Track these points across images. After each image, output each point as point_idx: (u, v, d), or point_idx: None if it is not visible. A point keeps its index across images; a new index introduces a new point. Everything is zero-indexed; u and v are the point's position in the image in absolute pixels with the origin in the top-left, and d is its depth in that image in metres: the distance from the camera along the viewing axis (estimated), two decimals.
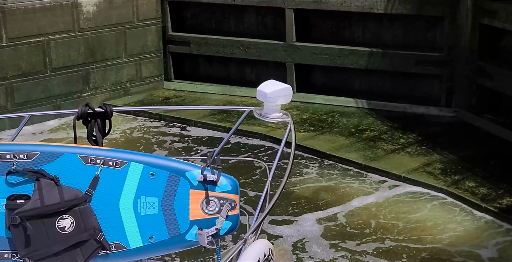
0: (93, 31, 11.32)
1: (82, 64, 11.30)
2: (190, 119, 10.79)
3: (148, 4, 11.84)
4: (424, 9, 10.64)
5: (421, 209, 8.10)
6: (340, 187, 8.65)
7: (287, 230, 7.65)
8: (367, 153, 9.39)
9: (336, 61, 11.31)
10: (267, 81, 4.27)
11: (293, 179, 8.84)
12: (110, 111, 4.28)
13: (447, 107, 10.79)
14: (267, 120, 4.27)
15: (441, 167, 8.94)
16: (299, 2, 11.26)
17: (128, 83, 11.92)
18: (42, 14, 10.72)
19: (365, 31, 11.37)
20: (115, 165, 3.97)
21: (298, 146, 9.72)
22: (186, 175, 3.98)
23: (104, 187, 3.97)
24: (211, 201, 3.95)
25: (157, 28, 12.05)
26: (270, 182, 3.97)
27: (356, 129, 10.29)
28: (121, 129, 10.60)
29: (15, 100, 10.68)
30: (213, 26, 12.26)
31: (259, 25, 11.99)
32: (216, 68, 12.39)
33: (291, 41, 11.47)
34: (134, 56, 11.89)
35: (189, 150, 9.80)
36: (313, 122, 10.62)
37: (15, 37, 10.53)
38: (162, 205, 3.96)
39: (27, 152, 3.97)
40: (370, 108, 11.09)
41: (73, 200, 3.94)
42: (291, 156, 4.13)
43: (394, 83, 11.30)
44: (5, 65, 10.50)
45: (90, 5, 11.21)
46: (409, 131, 10.11)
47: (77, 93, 11.33)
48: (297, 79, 11.59)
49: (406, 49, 10.94)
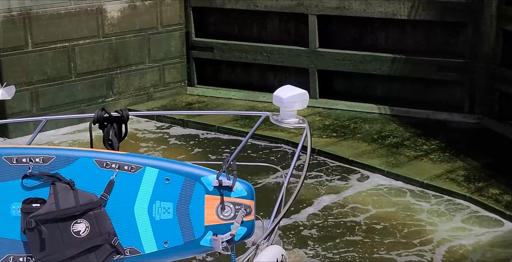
0: (117, 36, 11.27)
1: (106, 69, 11.25)
2: (213, 124, 10.69)
3: (171, 10, 11.77)
4: (447, 15, 10.48)
5: (444, 214, 7.94)
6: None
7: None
8: (389, 160, 9.26)
9: (358, 67, 11.18)
10: (284, 86, 4.16)
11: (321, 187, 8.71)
12: (126, 116, 4.22)
13: (470, 114, 10.61)
14: (283, 125, 4.16)
15: (464, 174, 8.79)
16: (322, 8, 11.14)
17: (152, 88, 11.85)
18: (67, 20, 10.70)
19: (388, 37, 11.22)
20: (131, 169, 3.92)
21: (321, 152, 9.62)
22: (201, 180, 3.91)
23: (119, 191, 3.91)
24: (226, 206, 3.88)
25: (180, 33, 11.98)
26: (285, 187, 3.86)
27: (379, 135, 10.15)
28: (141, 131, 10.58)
29: (40, 105, 10.66)
30: (236, 32, 12.17)
31: (281, 31, 11.89)
32: (239, 73, 12.30)
33: (314, 47, 11.35)
34: (157, 62, 11.82)
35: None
36: (335, 128, 10.50)
37: (40, 42, 10.51)
38: (177, 210, 3.89)
39: (43, 156, 3.94)
40: (393, 114, 10.93)
41: (88, 204, 3.89)
42: (306, 162, 4.01)
43: (417, 89, 11.14)
44: (30, 70, 10.48)
45: (114, 11, 11.16)
46: (432, 138, 9.95)
47: (101, 98, 11.28)
48: (319, 85, 11.47)
49: (429, 55, 10.79)
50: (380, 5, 10.79)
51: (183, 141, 10.39)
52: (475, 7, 10.27)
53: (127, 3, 11.26)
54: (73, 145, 9.78)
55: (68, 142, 10.20)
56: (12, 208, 3.94)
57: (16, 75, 10.35)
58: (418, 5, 10.57)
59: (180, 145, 10.23)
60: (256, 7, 11.59)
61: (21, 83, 10.38)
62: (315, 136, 10.14)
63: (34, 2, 10.35)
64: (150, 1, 11.51)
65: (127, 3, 11.26)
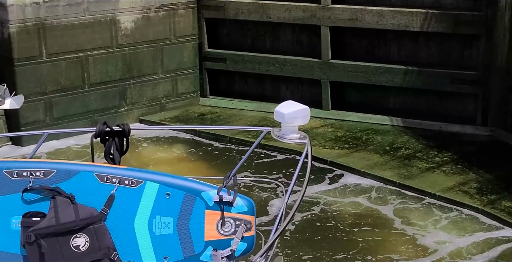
0: (131, 47, 11.19)
1: (119, 80, 11.18)
2: (225, 135, 10.59)
3: (185, 21, 11.69)
4: (460, 27, 10.35)
5: (457, 226, 7.81)
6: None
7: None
8: (401, 171, 9.13)
9: (371, 79, 11.06)
10: (285, 102, 4.17)
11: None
12: (127, 130, 4.22)
13: (483, 126, 10.46)
14: (284, 141, 4.13)
15: (476, 186, 8.65)
16: (335, 20, 11.04)
17: (164, 99, 11.76)
18: (81, 31, 10.64)
19: (401, 49, 11.10)
20: (131, 184, 3.90)
21: (333, 163, 9.50)
22: (202, 195, 3.88)
23: (120, 206, 3.89)
24: (226, 222, 3.84)
25: (193, 44, 11.89)
26: (286, 203, 3.82)
27: (391, 147, 10.01)
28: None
29: (53, 115, 10.59)
30: (249, 43, 12.08)
31: (294, 43, 11.79)
32: (251, 84, 12.21)
33: (327, 59, 11.24)
34: (170, 72, 11.72)
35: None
36: (347, 139, 10.38)
37: (54, 53, 10.45)
38: (177, 225, 3.86)
39: (43, 170, 3.94)
40: (405, 126, 10.80)
41: (88, 219, 3.86)
42: (306, 179, 3.96)
43: (429, 101, 11.01)
44: (44, 80, 10.42)
45: (128, 22, 11.10)
46: (444, 150, 9.80)
47: (114, 109, 11.21)
48: (332, 97, 11.35)
49: (442, 68, 10.64)
50: (393, 17, 10.68)
51: (194, 151, 10.29)
52: (488, 19, 10.13)
53: (140, 14, 11.19)
54: (82, 157, 9.70)
55: (75, 150, 10.12)
56: (12, 221, 3.92)
57: (30, 85, 10.31)
58: (431, 17, 10.46)
59: (189, 155, 10.13)
60: (269, 19, 11.51)
61: (35, 93, 10.35)
62: (327, 147, 10.05)
63: (48, 12, 10.30)
64: (164, 12, 11.45)
65: (140, 14, 11.19)
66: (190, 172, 9.05)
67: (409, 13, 10.57)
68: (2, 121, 10.50)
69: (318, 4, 11.09)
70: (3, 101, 4.95)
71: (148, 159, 9.90)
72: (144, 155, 10.08)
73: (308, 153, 4.05)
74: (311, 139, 10.28)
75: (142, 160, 9.84)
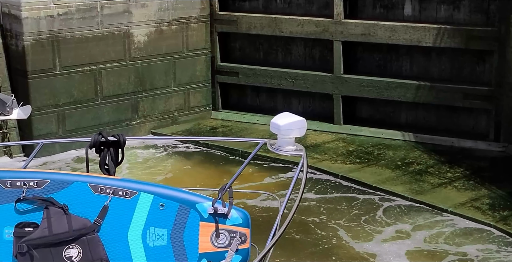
0: (144, 60, 11.05)
1: (132, 93, 11.03)
2: (237, 149, 10.40)
3: (197, 35, 11.55)
4: (472, 42, 10.14)
5: (470, 243, 7.60)
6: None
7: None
8: (413, 187, 8.94)
9: (383, 93, 10.86)
10: (282, 113, 4.08)
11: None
12: (123, 140, 4.13)
13: (495, 142, 10.21)
14: (280, 153, 4.01)
15: (489, 202, 8.44)
16: (347, 35, 10.86)
17: (176, 112, 11.59)
18: (95, 44, 10.52)
19: (413, 64, 10.90)
20: (125, 195, 3.79)
21: (344, 178, 9.33)
22: (196, 207, 3.75)
23: (113, 217, 3.77)
24: (221, 234, 3.71)
25: (206, 58, 11.74)
26: (280, 216, 3.70)
27: (403, 162, 9.80)
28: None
29: (66, 127, 10.45)
30: (261, 57, 11.92)
31: (306, 57, 11.62)
32: (263, 98, 12.05)
33: (339, 73, 11.06)
34: (182, 86, 11.56)
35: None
36: (359, 154, 10.17)
37: (68, 65, 10.33)
38: (171, 237, 3.72)
39: (37, 180, 3.85)
40: (417, 141, 10.57)
41: (81, 230, 3.75)
42: (300, 192, 3.84)
43: (441, 116, 10.79)
44: (58, 93, 10.29)
45: (141, 35, 10.97)
46: (456, 165, 9.58)
47: (126, 121, 11.05)
48: (343, 111, 11.16)
49: (454, 83, 10.42)
50: (405, 32, 10.49)
51: (204, 163, 10.13)
52: (501, 35, 9.91)
53: (154, 27, 11.07)
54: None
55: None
56: (5, 232, 3.80)
57: (44, 97, 10.19)
58: (444, 33, 10.27)
59: (199, 168, 9.98)
60: (282, 33, 11.36)
61: (48, 105, 10.24)
62: (339, 162, 9.87)
63: (63, 25, 10.20)
64: (177, 26, 11.32)
65: (154, 27, 11.07)
66: (195, 184, 8.93)
67: (421, 28, 10.38)
68: (15, 133, 10.40)
69: (330, 18, 10.94)
70: (10, 111, 5.04)
71: (156, 171, 9.75)
72: (153, 167, 9.92)
73: (304, 165, 3.92)
74: (322, 153, 10.18)
75: (150, 171, 9.69)
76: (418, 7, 10.68)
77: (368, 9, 11.00)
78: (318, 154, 10.12)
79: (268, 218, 8.13)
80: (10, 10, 10.13)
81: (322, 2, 11.22)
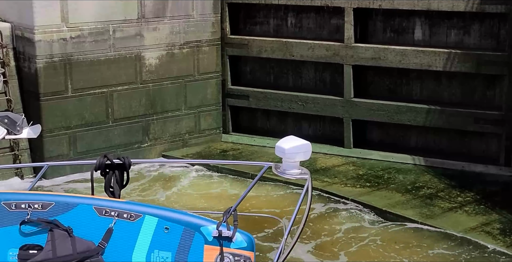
0: (155, 83, 11.01)
1: (143, 115, 10.98)
2: (247, 172, 10.30)
3: (208, 58, 11.52)
4: (483, 67, 10.05)
5: None
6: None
7: None
8: (423, 211, 8.82)
9: (393, 117, 10.75)
10: (287, 137, 4.06)
11: None
12: (128, 163, 4.08)
13: (506, 166, 10.08)
14: (285, 176, 4.00)
15: (500, 227, 8.34)
16: (358, 59, 10.79)
17: (187, 134, 11.52)
18: (106, 67, 10.49)
19: (423, 88, 10.81)
20: (130, 217, 3.74)
21: (354, 202, 9.22)
22: (201, 230, 3.69)
23: (118, 239, 3.71)
24: (225, 257, 3.64)
25: (216, 81, 11.69)
26: (285, 240, 3.65)
27: (413, 186, 9.68)
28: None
29: (77, 149, 10.40)
30: (271, 81, 11.86)
31: (317, 81, 11.55)
32: (273, 122, 11.97)
33: (349, 97, 10.97)
34: (193, 109, 11.51)
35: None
36: (369, 178, 10.07)
37: (79, 88, 10.30)
38: (176, 260, 3.65)
39: (42, 202, 3.81)
40: (427, 165, 10.45)
41: (85, 252, 3.69)
42: (305, 215, 3.75)
43: (452, 140, 10.67)
44: (69, 115, 10.26)
45: (152, 58, 10.94)
46: (467, 190, 9.46)
47: (137, 144, 10.98)
48: (354, 135, 11.06)
49: (464, 107, 10.33)
50: (415, 56, 10.41)
51: (213, 185, 10.04)
52: (511, 60, 9.83)
53: (165, 50, 11.04)
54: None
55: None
56: (9, 254, 3.73)
57: (56, 119, 10.15)
58: (454, 57, 10.18)
59: (209, 191, 9.87)
60: (292, 57, 11.30)
61: (60, 127, 10.21)
62: (349, 185, 9.76)
63: (75, 48, 10.19)
64: (188, 49, 11.29)
65: (165, 50, 11.04)
66: (202, 207, 8.83)
67: (432, 52, 10.30)
68: (27, 154, 10.37)
69: (341, 43, 10.88)
70: (21, 130, 5.06)
71: (166, 194, 9.67)
72: (162, 190, 9.83)
73: (308, 189, 3.88)
74: (332, 177, 10.06)
75: (161, 195, 9.60)
76: (428, 32, 10.61)
77: (379, 33, 10.94)
78: (328, 178, 10.01)
79: (272, 241, 8.02)
80: (23, 32, 10.12)
81: (333, 26, 11.17)
